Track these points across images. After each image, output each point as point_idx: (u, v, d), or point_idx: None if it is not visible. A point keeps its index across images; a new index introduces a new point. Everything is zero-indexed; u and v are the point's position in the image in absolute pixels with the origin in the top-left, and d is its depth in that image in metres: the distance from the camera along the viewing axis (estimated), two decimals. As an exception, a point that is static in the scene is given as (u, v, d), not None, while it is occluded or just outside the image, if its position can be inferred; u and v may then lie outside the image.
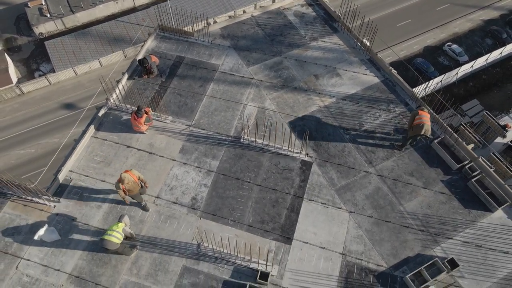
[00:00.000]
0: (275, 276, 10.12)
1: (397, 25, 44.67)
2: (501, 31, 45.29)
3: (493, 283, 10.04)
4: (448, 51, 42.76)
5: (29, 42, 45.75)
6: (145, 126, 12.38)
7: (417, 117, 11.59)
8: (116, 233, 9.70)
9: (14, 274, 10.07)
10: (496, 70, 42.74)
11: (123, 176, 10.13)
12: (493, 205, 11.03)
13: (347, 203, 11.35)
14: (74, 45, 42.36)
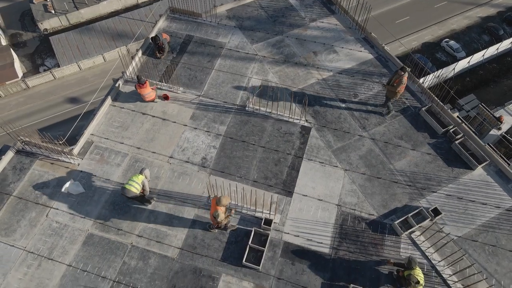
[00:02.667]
0: (277, 223, 11.33)
1: (396, 22, 45.78)
2: (498, 27, 46.11)
3: (472, 229, 11.25)
4: (446, 47, 43.52)
5: (34, 38, 46.77)
6: (153, 92, 13.53)
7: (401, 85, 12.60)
8: (135, 183, 10.85)
9: (45, 220, 11.29)
10: (492, 66, 43.68)
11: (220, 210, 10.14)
12: (474, 163, 12.23)
13: (342, 162, 12.56)
14: (78, 41, 43.23)
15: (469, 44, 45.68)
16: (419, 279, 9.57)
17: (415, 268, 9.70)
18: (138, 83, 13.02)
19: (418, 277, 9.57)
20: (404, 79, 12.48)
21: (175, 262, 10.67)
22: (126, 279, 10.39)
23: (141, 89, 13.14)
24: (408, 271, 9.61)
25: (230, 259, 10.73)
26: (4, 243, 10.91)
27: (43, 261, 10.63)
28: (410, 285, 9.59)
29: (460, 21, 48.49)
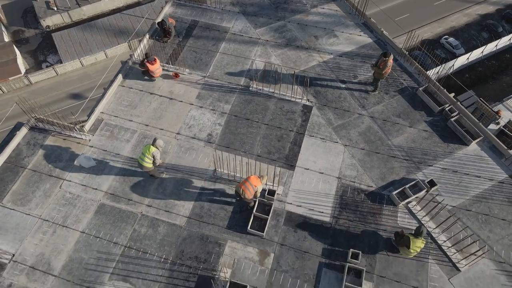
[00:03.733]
0: (280, 194, 11.87)
1: (396, 19, 46.23)
2: (497, 25, 46.46)
3: (466, 199, 11.79)
4: (445, 44, 43.86)
5: (36, 35, 47.25)
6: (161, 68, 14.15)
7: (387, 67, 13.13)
8: (146, 157, 11.29)
9: (59, 191, 11.83)
10: (491, 63, 44.12)
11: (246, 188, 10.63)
12: (469, 139, 12.77)
13: (342, 138, 13.10)
14: (80, 37, 43.63)
15: (468, 41, 46.14)
16: (412, 247, 10.10)
17: (418, 238, 10.17)
18: (148, 60, 13.58)
19: (413, 245, 10.10)
20: (389, 62, 13.03)
21: (183, 230, 11.21)
22: (137, 244, 10.94)
23: (151, 66, 13.70)
24: (412, 236, 10.13)
25: (235, 227, 11.27)
26: (20, 212, 11.45)
27: (57, 228, 11.18)
28: (402, 245, 10.14)
29: (459, 18, 48.98)
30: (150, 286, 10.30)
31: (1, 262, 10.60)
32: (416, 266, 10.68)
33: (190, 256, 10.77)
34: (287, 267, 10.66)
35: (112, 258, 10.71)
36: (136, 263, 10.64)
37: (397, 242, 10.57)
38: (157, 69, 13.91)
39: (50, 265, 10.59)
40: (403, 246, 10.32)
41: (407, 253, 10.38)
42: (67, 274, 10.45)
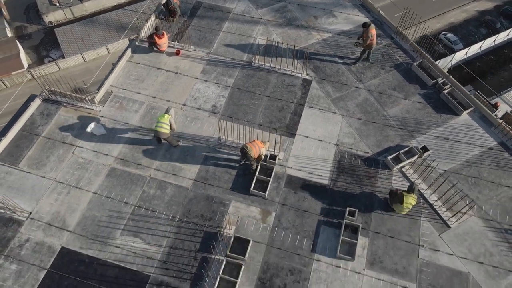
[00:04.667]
0: (281, 159, 12.55)
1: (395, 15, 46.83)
2: (495, 21, 46.86)
3: (457, 164, 12.46)
4: (444, 40, 44.28)
5: (39, 30, 47.79)
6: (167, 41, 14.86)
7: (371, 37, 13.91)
8: (164, 124, 11.97)
9: (72, 157, 12.51)
10: (489, 58, 44.63)
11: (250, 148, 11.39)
12: (460, 109, 13.44)
13: (340, 109, 13.77)
14: (82, 32, 43.96)
15: (467, 37, 46.64)
16: (405, 203, 10.79)
17: (411, 194, 10.87)
18: (156, 34, 14.28)
19: (406, 201, 10.79)
20: (370, 32, 13.78)
21: (189, 191, 11.89)
22: (146, 204, 11.61)
23: (160, 39, 14.39)
24: (406, 193, 10.81)
25: (239, 188, 11.95)
26: (36, 175, 12.13)
27: (71, 190, 11.85)
28: (395, 202, 10.82)
29: (458, 14, 49.54)
30: (159, 241, 10.98)
31: (19, 219, 11.29)
32: (409, 223, 11.35)
33: (196, 215, 11.45)
34: (287, 224, 11.33)
35: (123, 216, 11.39)
36: (145, 221, 11.32)
37: (391, 199, 11.25)
38: (164, 43, 14.59)
39: (65, 222, 11.27)
40: (397, 203, 11.00)
41: (401, 209, 11.06)
42: (81, 230, 11.13)
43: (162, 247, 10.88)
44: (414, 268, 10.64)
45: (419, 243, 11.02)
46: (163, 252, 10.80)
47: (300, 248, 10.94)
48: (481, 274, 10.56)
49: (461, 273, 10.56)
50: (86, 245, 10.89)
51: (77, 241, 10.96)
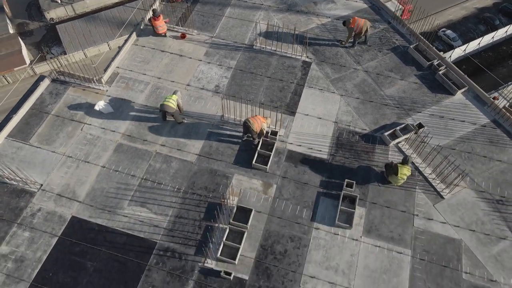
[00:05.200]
0: (282, 135, 13.04)
1: (393, 1, 47.18)
2: (494, 18, 47.19)
3: (451, 140, 12.94)
4: (443, 37, 44.62)
5: (41, 27, 48.24)
6: (165, 26, 15.34)
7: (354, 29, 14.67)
8: (172, 100, 12.54)
9: (80, 133, 13.00)
10: (488, 54, 45.03)
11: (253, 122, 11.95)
12: (454, 89, 13.93)
13: (339, 89, 14.25)
14: (84, 29, 44.35)
15: (466, 34, 47.00)
16: (400, 174, 11.29)
17: (405, 165, 11.38)
18: (153, 16, 14.80)
19: (401, 172, 11.29)
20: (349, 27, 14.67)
21: (193, 165, 12.38)
22: (152, 177, 12.10)
23: (155, 21, 14.92)
24: (400, 165, 11.31)
25: (241, 162, 12.44)
26: (46, 150, 12.62)
27: (80, 163, 12.34)
28: (391, 173, 11.31)
29: (457, 11, 49.96)
30: (165, 211, 11.47)
31: (31, 190, 11.78)
32: (405, 194, 11.84)
33: (201, 187, 11.94)
34: (288, 196, 11.82)
35: (130, 188, 11.88)
36: (152, 192, 11.81)
37: (387, 172, 11.73)
38: (160, 26, 15.11)
39: (75, 193, 11.76)
40: (392, 174, 11.49)
41: (396, 180, 11.55)
42: (90, 201, 11.62)
43: (168, 216, 11.38)
44: (409, 235, 11.13)
45: (414, 212, 11.51)
46: (169, 221, 11.29)
47: (300, 217, 11.43)
48: (473, 241, 11.05)
49: (454, 240, 11.05)
50: (95, 215, 11.38)
51: (87, 211, 11.45)
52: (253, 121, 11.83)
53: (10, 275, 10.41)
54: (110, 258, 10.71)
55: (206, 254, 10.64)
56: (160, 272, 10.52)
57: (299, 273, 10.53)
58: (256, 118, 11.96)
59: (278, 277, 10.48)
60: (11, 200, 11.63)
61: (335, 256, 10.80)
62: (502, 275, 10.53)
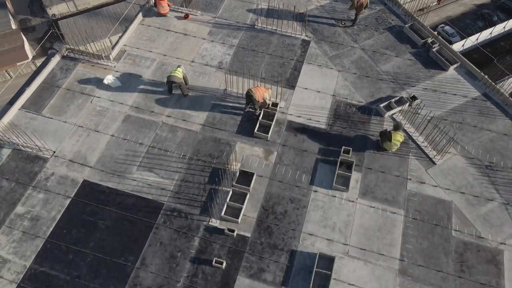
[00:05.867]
0: (282, 107, 13.68)
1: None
2: (492, 14, 47.68)
3: (443, 111, 13.59)
4: (441, 32, 45.08)
5: (43, 23, 48.88)
6: (167, 7, 16.08)
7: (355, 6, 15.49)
8: (178, 72, 13.22)
9: (90, 105, 13.65)
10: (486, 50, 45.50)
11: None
12: (447, 65, 14.57)
13: (337, 65, 14.90)
14: (86, 25, 44.93)
15: (464, 30, 47.51)
16: (393, 140, 11.93)
17: (398, 131, 12.02)
18: None
19: (394, 137, 11.93)
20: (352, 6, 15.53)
21: (198, 134, 13.02)
22: (159, 145, 12.74)
23: (160, 1, 15.55)
24: (393, 131, 11.95)
25: (243, 132, 13.08)
26: (58, 120, 13.26)
27: (91, 133, 12.99)
28: (385, 140, 11.95)
29: (455, 8, 50.58)
30: (171, 175, 12.11)
31: (44, 157, 12.43)
32: (399, 161, 12.49)
33: (205, 154, 12.59)
34: (288, 162, 12.47)
35: (138, 154, 12.53)
36: (159, 158, 12.45)
37: (382, 139, 12.37)
38: (163, 6, 15.82)
39: (86, 159, 12.41)
40: (386, 141, 12.13)
41: (390, 146, 12.19)
42: (100, 166, 12.27)
43: (174, 180, 12.02)
44: (402, 197, 11.78)
45: (407, 177, 12.16)
46: (175, 184, 11.94)
47: (299, 181, 12.08)
48: (463, 202, 11.69)
49: (445, 201, 11.70)
50: (106, 178, 12.03)
51: (97, 175, 12.10)
52: (255, 91, 12.47)
53: (26, 232, 11.06)
54: (120, 218, 11.37)
55: (210, 214, 11.30)
56: (167, 230, 11.18)
57: (299, 231, 11.19)
58: (258, 88, 12.61)
59: (278, 235, 11.13)
60: (26, 165, 12.28)
61: (332, 216, 11.45)
62: (490, 232, 11.18)
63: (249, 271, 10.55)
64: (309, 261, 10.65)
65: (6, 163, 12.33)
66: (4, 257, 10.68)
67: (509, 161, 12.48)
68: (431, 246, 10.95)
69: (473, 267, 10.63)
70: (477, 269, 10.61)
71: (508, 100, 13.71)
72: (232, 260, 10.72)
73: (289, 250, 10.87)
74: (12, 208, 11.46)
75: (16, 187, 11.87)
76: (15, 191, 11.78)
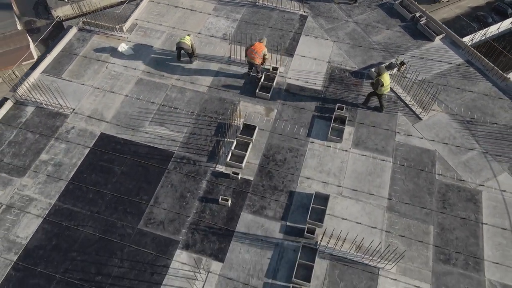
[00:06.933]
0: (282, 72, 14.91)
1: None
2: (487, 16, 49.34)
3: (429, 75, 14.80)
4: None
5: (47, 25, 50.41)
6: None
7: None
8: (186, 40, 14.50)
9: (105, 70, 14.88)
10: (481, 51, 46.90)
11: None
12: (433, 35, 15.84)
13: (332, 37, 16.17)
14: None
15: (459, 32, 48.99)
16: (385, 82, 12.95)
17: (383, 73, 13.08)
18: None
19: (384, 80, 12.92)
20: None
21: (205, 94, 14.24)
22: (169, 103, 13.95)
23: None
24: (378, 77, 13.06)
25: (246, 92, 14.31)
26: (76, 82, 14.48)
27: (106, 93, 14.20)
28: (378, 87, 13.07)
29: (451, 11, 52.23)
30: (181, 129, 13.30)
31: (65, 113, 13.62)
32: (388, 117, 13.69)
33: (211, 111, 13.79)
34: (287, 118, 13.67)
35: (150, 111, 13.73)
36: (169, 115, 13.65)
37: (374, 87, 13.27)
38: None
39: (103, 115, 13.61)
40: (379, 86, 13.02)
41: (384, 89, 13.07)
42: (116, 121, 13.46)
43: (183, 133, 13.21)
44: (391, 147, 12.96)
45: (396, 130, 13.35)
46: (184, 136, 13.13)
47: (297, 134, 13.27)
48: (445, 151, 12.87)
49: (429, 151, 12.87)
50: (121, 132, 13.21)
51: (113, 129, 13.29)
52: (253, 59, 13.68)
53: (50, 176, 12.21)
54: (134, 164, 12.53)
55: (217, 159, 12.48)
56: (177, 174, 12.33)
57: (297, 175, 12.35)
58: (254, 55, 13.70)
59: (278, 178, 12.29)
60: (48, 120, 13.47)
61: (327, 163, 12.62)
62: (470, 176, 12.34)
63: (252, 208, 11.69)
64: (306, 200, 11.80)
65: (30, 118, 13.52)
66: (31, 196, 11.82)
67: (488, 117, 13.69)
68: (416, 188, 12.10)
69: (454, 205, 11.77)
70: (458, 206, 11.75)
71: (489, 66, 14.96)
72: (236, 199, 11.86)
73: (288, 191, 12.02)
74: (36, 156, 12.64)
75: (39, 138, 13.05)
76: (39, 142, 12.96)
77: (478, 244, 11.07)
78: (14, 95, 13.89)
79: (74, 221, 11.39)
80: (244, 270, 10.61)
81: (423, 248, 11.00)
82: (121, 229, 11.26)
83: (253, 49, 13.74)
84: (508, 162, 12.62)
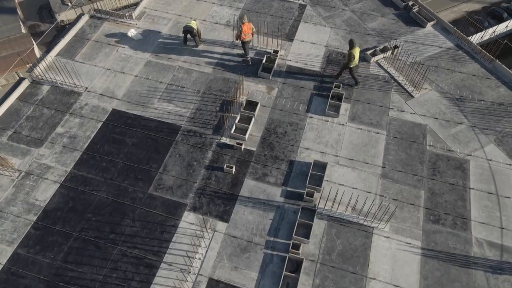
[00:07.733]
0: (282, 55, 15.83)
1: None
2: (483, 20, 50.50)
3: (421, 58, 15.71)
4: None
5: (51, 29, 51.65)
6: None
7: None
8: (193, 23, 15.48)
9: (116, 53, 15.80)
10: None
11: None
12: (425, 22, 16.80)
13: (329, 23, 17.12)
14: None
15: None
16: (355, 55, 13.81)
17: (355, 47, 13.96)
18: None
19: (355, 53, 13.80)
20: None
21: (210, 75, 15.14)
22: (176, 83, 14.84)
23: None
24: (350, 50, 13.93)
25: (249, 73, 15.20)
26: (89, 64, 15.40)
27: (117, 74, 15.10)
28: (351, 60, 13.87)
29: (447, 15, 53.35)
30: (187, 106, 14.17)
31: (78, 91, 14.51)
32: (382, 95, 14.56)
33: (216, 89, 14.67)
34: (287, 95, 14.54)
35: (158, 90, 14.61)
36: (176, 93, 14.53)
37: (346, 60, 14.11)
38: None
39: (114, 93, 14.49)
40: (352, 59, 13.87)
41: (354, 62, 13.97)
42: (127, 98, 14.34)
43: (190, 109, 14.08)
44: (384, 122, 13.81)
45: (389, 107, 14.22)
46: (191, 112, 13.99)
47: (297, 110, 14.14)
48: (436, 125, 13.72)
49: (421, 125, 13.73)
50: (131, 108, 14.08)
51: (124, 105, 14.16)
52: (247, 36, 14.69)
53: (66, 146, 13.05)
54: (144, 136, 13.38)
55: (222, 132, 13.33)
56: (185, 145, 13.18)
57: (297, 146, 13.19)
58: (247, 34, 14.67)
59: (279, 149, 13.12)
60: (63, 98, 14.35)
61: (325, 135, 13.47)
62: (458, 147, 13.18)
63: (255, 175, 12.51)
64: (306, 168, 12.63)
65: (46, 96, 14.40)
66: (48, 164, 12.65)
67: (476, 95, 14.57)
68: (408, 157, 12.94)
69: (443, 172, 12.60)
70: (447, 173, 12.58)
71: (477, 49, 15.88)
72: (240, 167, 12.69)
73: (288, 160, 12.86)
74: (53, 129, 13.49)
75: (55, 113, 13.92)
76: (55, 117, 13.82)
77: (465, 206, 11.88)
78: (31, 75, 14.79)
79: (89, 186, 12.20)
80: (247, 230, 11.41)
81: (414, 210, 11.81)
82: (133, 194, 12.08)
83: (245, 32, 14.71)
84: (495, 135, 13.47)
